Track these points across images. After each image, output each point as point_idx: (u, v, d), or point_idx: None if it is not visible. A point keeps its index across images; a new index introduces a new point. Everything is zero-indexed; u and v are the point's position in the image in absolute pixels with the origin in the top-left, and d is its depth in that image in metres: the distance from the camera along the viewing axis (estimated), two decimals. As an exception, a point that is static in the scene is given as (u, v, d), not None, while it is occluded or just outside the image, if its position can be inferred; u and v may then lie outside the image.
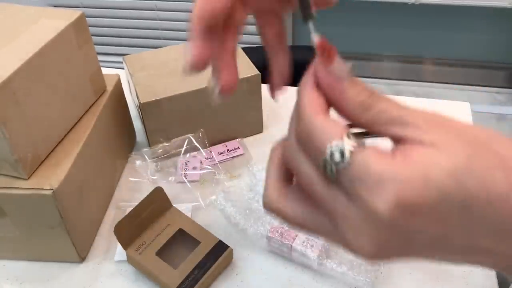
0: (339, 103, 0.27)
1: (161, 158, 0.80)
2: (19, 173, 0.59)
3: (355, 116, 0.27)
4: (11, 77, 0.54)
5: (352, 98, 0.27)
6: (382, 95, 0.27)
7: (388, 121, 0.26)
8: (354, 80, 0.27)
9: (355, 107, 0.27)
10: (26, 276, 0.66)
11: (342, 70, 0.27)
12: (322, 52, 0.28)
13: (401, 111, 0.26)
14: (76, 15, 0.65)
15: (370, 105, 0.26)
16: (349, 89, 0.27)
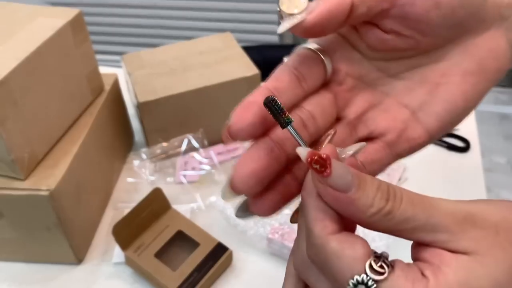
0: (351, 215, 0.23)
1: (160, 158, 0.79)
2: (16, 174, 0.58)
3: (373, 225, 0.23)
4: (8, 77, 0.54)
5: (365, 207, 0.23)
6: (400, 192, 0.23)
7: (415, 229, 0.23)
8: (363, 182, 0.23)
9: (371, 217, 0.23)
10: (24, 278, 0.65)
11: (344, 176, 0.23)
12: (314, 167, 0.23)
13: (429, 215, 0.23)
14: (74, 13, 0.64)
15: (390, 213, 0.23)
16: (360, 198, 0.23)
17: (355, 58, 0.29)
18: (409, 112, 0.29)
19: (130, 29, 2.10)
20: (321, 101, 0.28)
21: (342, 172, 0.23)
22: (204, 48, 0.85)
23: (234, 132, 0.26)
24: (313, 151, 0.23)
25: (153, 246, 0.63)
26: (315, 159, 0.23)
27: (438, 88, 0.28)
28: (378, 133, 0.29)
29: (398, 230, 0.23)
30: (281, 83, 0.27)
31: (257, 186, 0.26)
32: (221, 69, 0.79)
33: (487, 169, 1.57)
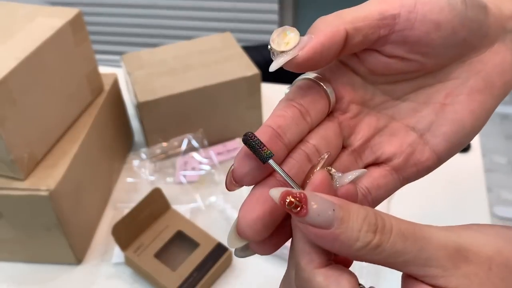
0: (337, 251, 0.22)
1: (160, 158, 0.79)
2: (15, 174, 0.58)
3: (361, 258, 0.22)
4: (7, 77, 0.54)
5: (350, 242, 0.21)
6: (390, 223, 0.22)
7: (406, 263, 0.22)
8: (346, 214, 0.22)
9: (358, 251, 0.22)
10: (23, 278, 0.65)
11: (324, 212, 0.22)
12: (288, 209, 0.22)
13: (420, 248, 0.22)
14: (73, 13, 0.64)
15: (379, 246, 0.21)
16: (343, 233, 0.21)
17: (358, 84, 0.28)
18: (416, 134, 0.28)
19: (130, 29, 2.10)
20: (325, 134, 0.27)
21: (322, 208, 0.22)
22: (204, 48, 0.85)
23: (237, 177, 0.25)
24: (286, 192, 0.22)
25: (153, 246, 0.63)
26: (288, 200, 0.22)
27: (444, 109, 0.28)
28: (384, 158, 0.28)
29: (388, 263, 0.22)
30: (284, 120, 0.25)
31: (266, 231, 0.25)
32: (221, 69, 0.79)
33: (487, 169, 1.57)
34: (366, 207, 0.22)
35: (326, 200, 0.22)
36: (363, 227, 0.21)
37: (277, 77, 1.11)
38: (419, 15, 0.25)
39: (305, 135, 0.26)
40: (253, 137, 0.24)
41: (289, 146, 0.26)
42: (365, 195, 0.28)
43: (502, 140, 1.89)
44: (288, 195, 0.22)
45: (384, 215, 0.22)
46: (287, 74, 1.03)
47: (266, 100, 0.90)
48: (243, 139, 0.24)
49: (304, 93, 0.27)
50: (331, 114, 0.28)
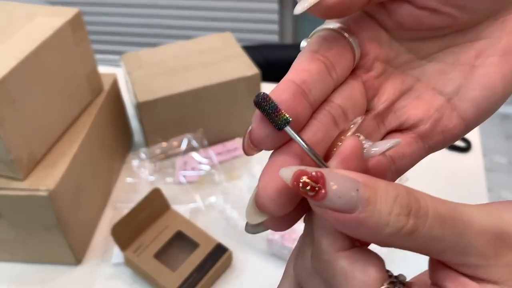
0: (362, 237, 0.19)
1: (159, 158, 0.79)
2: (15, 174, 0.58)
3: (392, 245, 0.19)
4: (7, 76, 0.53)
5: (379, 227, 0.18)
6: (425, 204, 0.19)
7: (443, 250, 0.19)
8: (373, 194, 0.18)
9: (388, 237, 0.19)
10: (22, 278, 0.65)
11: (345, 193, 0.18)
12: (303, 192, 0.19)
13: (459, 234, 0.19)
14: (73, 13, 0.64)
15: (413, 232, 0.19)
16: (370, 217, 0.18)
17: (383, 39, 0.25)
18: (443, 98, 0.25)
19: (130, 28, 2.10)
20: (351, 93, 0.23)
21: (343, 189, 0.18)
22: (204, 48, 0.85)
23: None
24: (299, 171, 0.19)
25: (153, 247, 0.63)
26: (303, 181, 0.18)
27: (474, 71, 0.25)
28: (410, 124, 0.25)
29: (421, 250, 0.19)
30: (309, 75, 0.22)
31: (290, 205, 0.21)
32: (220, 69, 0.79)
33: (488, 169, 1.57)
34: (396, 184, 0.19)
35: (348, 178, 0.19)
36: (393, 210, 0.18)
37: (277, 76, 1.11)
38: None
39: (329, 93, 0.23)
40: (267, 99, 0.21)
41: (314, 106, 0.22)
42: (388, 167, 0.25)
43: (503, 140, 1.88)
44: (302, 175, 0.19)
45: (418, 194, 0.19)
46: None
47: (266, 100, 0.90)
48: (254, 100, 0.21)
49: (330, 45, 0.23)
50: (353, 72, 0.24)
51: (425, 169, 0.74)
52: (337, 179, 0.19)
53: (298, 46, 0.27)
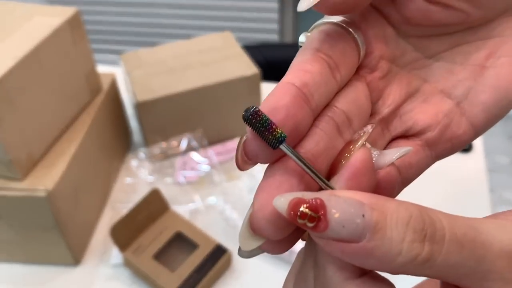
0: (372, 268, 0.17)
1: (159, 158, 0.79)
2: (13, 174, 0.58)
3: (404, 273, 0.17)
4: (5, 76, 0.53)
5: (390, 257, 0.16)
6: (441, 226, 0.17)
7: (462, 277, 0.17)
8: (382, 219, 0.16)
9: (401, 267, 0.17)
10: (21, 279, 0.65)
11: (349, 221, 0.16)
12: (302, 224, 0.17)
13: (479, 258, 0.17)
14: (71, 12, 0.64)
15: (428, 260, 0.16)
16: (380, 246, 0.16)
17: (389, 35, 0.23)
18: (452, 102, 0.23)
19: (129, 28, 2.10)
20: (356, 97, 0.21)
21: (347, 217, 0.16)
22: (204, 47, 0.84)
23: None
24: (296, 200, 0.17)
25: (152, 248, 0.62)
26: (300, 212, 0.16)
27: (485, 72, 0.23)
28: (417, 131, 0.23)
29: (438, 277, 0.17)
30: (311, 77, 0.19)
31: (290, 227, 0.19)
32: (220, 68, 0.79)
33: (490, 169, 1.57)
34: (407, 204, 0.17)
35: (352, 202, 0.16)
36: (406, 236, 0.16)
37: (277, 76, 1.10)
38: None
39: (332, 97, 0.21)
40: (258, 114, 0.18)
41: (316, 112, 0.20)
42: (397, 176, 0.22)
43: (505, 140, 1.88)
44: (300, 204, 0.16)
45: (432, 213, 0.17)
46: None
47: (266, 100, 0.90)
48: (244, 116, 0.18)
49: (333, 41, 0.21)
50: (356, 71, 0.22)
51: (426, 170, 0.74)
52: (339, 205, 0.16)
53: (298, 45, 0.25)
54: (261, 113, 0.18)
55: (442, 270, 0.17)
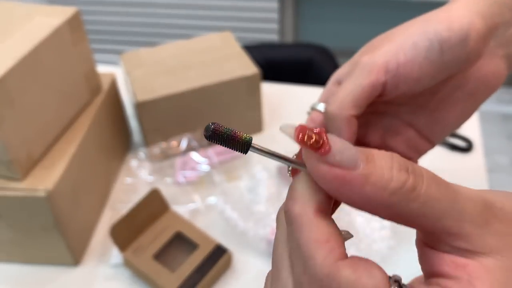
0: (366, 199, 0.19)
1: (158, 158, 0.78)
2: (13, 174, 0.58)
3: (395, 208, 0.19)
4: (5, 76, 0.53)
5: (383, 182, 0.19)
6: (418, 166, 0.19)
7: (441, 215, 0.19)
8: (370, 155, 0.19)
9: (393, 194, 0.19)
10: (20, 279, 0.65)
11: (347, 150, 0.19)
12: (308, 145, 0.19)
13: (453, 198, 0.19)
14: (71, 12, 0.64)
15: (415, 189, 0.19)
16: (373, 173, 0.19)
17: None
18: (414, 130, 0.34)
19: (129, 27, 2.10)
20: None
21: (343, 146, 0.19)
22: (204, 47, 0.84)
23: None
24: (302, 126, 0.19)
25: (152, 248, 0.62)
26: (308, 135, 0.19)
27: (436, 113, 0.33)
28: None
29: (422, 216, 0.19)
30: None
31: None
32: (220, 68, 0.79)
33: (489, 169, 1.56)
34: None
35: (345, 141, 0.19)
36: (393, 165, 0.19)
37: (276, 76, 1.10)
38: (401, 77, 0.30)
39: None
40: (219, 128, 0.20)
41: None
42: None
43: (505, 140, 1.88)
44: (305, 129, 0.19)
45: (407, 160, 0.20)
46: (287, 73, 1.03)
47: (266, 100, 0.90)
48: (205, 135, 0.20)
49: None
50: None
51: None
52: (335, 139, 0.19)
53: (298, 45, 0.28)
54: (221, 127, 0.20)
55: (425, 203, 0.19)
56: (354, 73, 0.31)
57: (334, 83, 0.35)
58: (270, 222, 0.65)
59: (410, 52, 0.30)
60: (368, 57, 0.31)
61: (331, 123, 0.31)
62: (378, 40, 0.32)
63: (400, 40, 0.30)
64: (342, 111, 0.30)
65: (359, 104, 0.30)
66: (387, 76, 0.30)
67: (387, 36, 0.32)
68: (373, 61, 0.30)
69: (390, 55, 0.30)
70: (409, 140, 0.34)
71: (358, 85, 0.30)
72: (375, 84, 0.30)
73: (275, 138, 0.84)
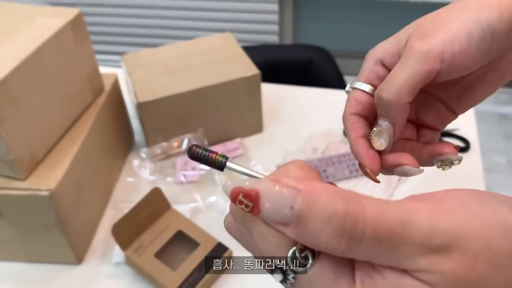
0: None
1: (160, 158, 0.79)
2: (16, 174, 0.58)
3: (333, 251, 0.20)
4: (8, 77, 0.54)
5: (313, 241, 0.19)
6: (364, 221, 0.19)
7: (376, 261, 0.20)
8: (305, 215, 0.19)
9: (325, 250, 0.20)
10: (23, 278, 0.65)
11: (279, 210, 0.19)
12: (240, 207, 0.20)
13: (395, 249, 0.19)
14: (74, 13, 0.64)
15: (345, 252, 0.19)
16: (303, 232, 0.19)
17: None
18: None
19: (130, 29, 2.10)
20: None
21: (276, 208, 0.19)
22: (204, 48, 0.85)
23: None
24: (237, 189, 0.20)
25: (153, 246, 0.63)
26: (238, 200, 0.20)
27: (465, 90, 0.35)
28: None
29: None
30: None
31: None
32: (221, 69, 0.79)
33: (487, 169, 1.57)
34: (337, 199, 0.19)
35: (283, 196, 0.19)
36: (325, 231, 0.19)
37: (276, 77, 1.11)
38: (454, 66, 0.31)
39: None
40: (197, 148, 0.23)
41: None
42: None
43: (502, 140, 1.89)
44: (238, 193, 0.20)
45: (359, 209, 0.19)
46: (287, 75, 1.04)
47: (266, 101, 0.90)
48: (188, 155, 0.24)
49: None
50: None
51: (424, 169, 0.75)
52: (272, 196, 0.19)
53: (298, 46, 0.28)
54: (198, 148, 0.23)
55: (359, 257, 0.19)
56: (409, 60, 0.31)
57: (377, 62, 0.35)
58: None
59: (465, 42, 0.30)
60: (423, 44, 0.31)
61: (385, 109, 0.32)
62: (428, 24, 0.32)
63: (455, 28, 0.31)
64: (398, 99, 0.31)
65: (415, 92, 0.32)
66: (442, 65, 0.31)
67: (438, 20, 0.32)
68: (429, 49, 0.31)
69: (446, 44, 0.30)
70: (438, 114, 0.36)
71: (416, 73, 0.31)
72: (430, 73, 0.31)
73: (275, 138, 0.84)
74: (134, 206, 0.63)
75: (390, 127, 0.33)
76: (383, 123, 0.33)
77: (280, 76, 1.12)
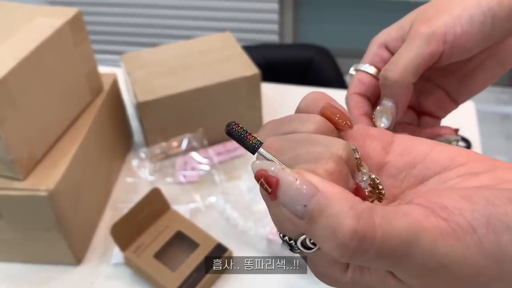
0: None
1: (159, 158, 0.79)
2: (14, 174, 0.58)
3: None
4: (6, 76, 0.53)
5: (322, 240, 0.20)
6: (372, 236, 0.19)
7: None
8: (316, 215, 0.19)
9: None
10: (22, 278, 0.65)
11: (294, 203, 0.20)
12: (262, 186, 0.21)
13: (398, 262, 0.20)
14: (73, 13, 0.64)
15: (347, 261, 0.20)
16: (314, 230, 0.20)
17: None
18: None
19: (130, 28, 2.10)
20: None
21: (290, 201, 0.20)
22: (204, 48, 0.85)
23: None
24: (261, 172, 0.21)
25: (153, 247, 0.63)
26: (260, 182, 0.21)
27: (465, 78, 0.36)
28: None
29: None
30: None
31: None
32: (220, 69, 0.79)
33: (487, 169, 1.56)
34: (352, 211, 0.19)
35: (300, 192, 0.19)
36: (330, 240, 0.19)
37: (276, 76, 1.11)
38: (456, 48, 0.32)
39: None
40: (237, 127, 0.24)
41: None
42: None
43: (503, 140, 1.88)
44: (262, 176, 0.21)
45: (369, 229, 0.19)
46: (287, 74, 1.04)
47: (266, 100, 0.90)
48: (226, 130, 0.24)
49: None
50: None
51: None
52: (290, 190, 0.20)
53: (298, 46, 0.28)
54: (237, 126, 0.24)
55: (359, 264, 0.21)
56: (414, 42, 0.32)
57: (381, 46, 0.36)
58: (270, 222, 0.65)
59: (467, 24, 0.31)
60: (427, 27, 0.32)
61: (390, 89, 0.33)
62: (431, 9, 0.34)
63: (457, 11, 0.32)
64: (403, 79, 0.32)
65: (419, 72, 0.33)
66: (445, 46, 0.32)
67: (441, 5, 0.33)
68: (433, 31, 0.32)
69: (448, 26, 0.32)
70: (439, 101, 0.36)
71: (420, 54, 0.32)
72: (434, 54, 0.32)
73: (275, 138, 0.84)
74: (134, 206, 0.63)
75: (393, 107, 0.34)
76: (387, 103, 0.34)
77: (280, 75, 1.12)
